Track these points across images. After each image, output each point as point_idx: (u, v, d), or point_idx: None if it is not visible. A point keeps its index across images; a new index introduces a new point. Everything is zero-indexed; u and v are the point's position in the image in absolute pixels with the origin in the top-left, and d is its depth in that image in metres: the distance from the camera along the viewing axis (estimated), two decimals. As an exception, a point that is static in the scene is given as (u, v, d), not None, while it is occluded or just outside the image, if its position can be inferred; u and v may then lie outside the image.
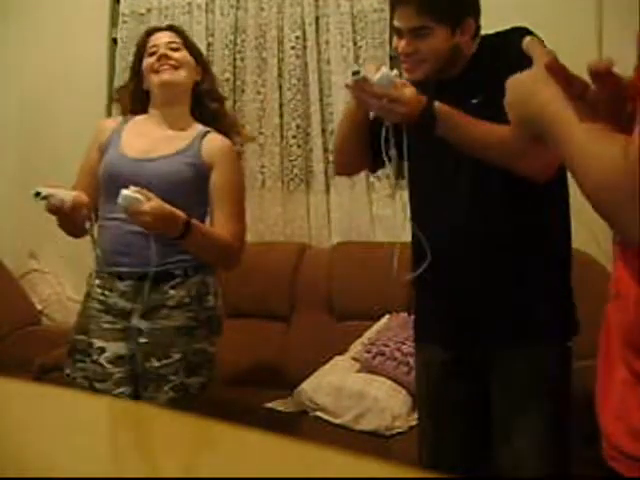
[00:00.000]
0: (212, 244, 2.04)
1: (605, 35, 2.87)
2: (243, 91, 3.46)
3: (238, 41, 3.47)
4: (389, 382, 2.54)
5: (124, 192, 1.83)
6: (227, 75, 3.47)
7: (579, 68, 1.67)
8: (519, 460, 1.63)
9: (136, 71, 2.19)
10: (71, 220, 2.02)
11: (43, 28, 3.80)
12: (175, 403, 2.00)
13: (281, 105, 3.39)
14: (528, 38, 0.99)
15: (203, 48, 3.46)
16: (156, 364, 2.02)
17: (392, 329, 2.69)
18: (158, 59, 2.10)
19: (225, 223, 2.07)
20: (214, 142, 2.13)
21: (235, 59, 3.48)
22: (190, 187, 2.05)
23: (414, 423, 2.24)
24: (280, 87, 3.39)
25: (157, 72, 2.10)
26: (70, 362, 2.10)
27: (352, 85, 1.55)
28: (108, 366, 2.05)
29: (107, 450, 0.61)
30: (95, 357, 2.06)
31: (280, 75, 3.39)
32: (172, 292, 2.04)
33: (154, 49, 2.13)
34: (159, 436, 0.64)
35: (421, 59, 1.62)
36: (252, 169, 3.44)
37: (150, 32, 2.21)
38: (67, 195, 1.97)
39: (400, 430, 2.43)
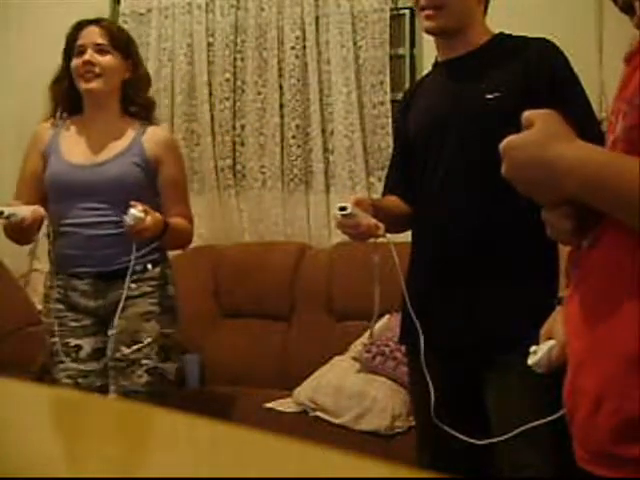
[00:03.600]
0: (179, 233, 2.18)
1: (605, 35, 2.87)
2: (243, 91, 3.47)
3: (238, 41, 3.47)
4: (389, 382, 2.54)
5: (132, 211, 1.95)
6: (227, 75, 3.47)
7: (579, 68, 1.68)
8: (520, 462, 1.63)
9: (67, 67, 2.21)
10: (27, 233, 2.06)
11: (43, 28, 3.80)
12: (151, 385, 2.08)
13: (281, 105, 3.39)
14: (527, 112, 0.99)
15: (203, 48, 3.47)
16: (127, 351, 2.08)
17: (392, 329, 2.69)
18: (84, 64, 2.13)
19: (180, 209, 2.21)
20: (155, 137, 2.20)
21: (235, 59, 3.48)
22: (141, 185, 2.13)
23: (414, 423, 2.24)
24: (280, 87, 3.38)
25: (82, 77, 2.14)
26: (53, 365, 2.17)
27: (340, 221, 1.59)
28: (88, 362, 2.13)
29: (107, 450, 0.61)
30: (74, 355, 2.13)
31: (280, 75, 3.39)
32: (133, 286, 2.11)
33: (82, 49, 2.16)
34: (159, 436, 0.64)
35: (440, 4, 1.68)
36: (252, 169, 3.44)
37: (80, 26, 2.23)
38: (26, 212, 2.01)
39: (400, 430, 2.43)
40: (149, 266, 2.16)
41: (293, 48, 3.36)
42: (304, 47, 3.34)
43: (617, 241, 0.95)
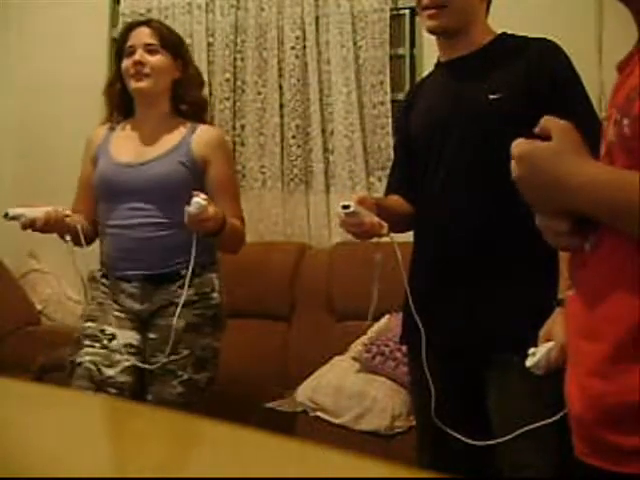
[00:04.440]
0: (234, 232, 2.11)
1: (605, 35, 2.87)
2: (243, 91, 3.47)
3: (238, 41, 3.47)
4: (389, 382, 2.54)
5: (196, 199, 1.86)
6: (227, 75, 3.47)
7: (579, 68, 1.68)
8: (520, 463, 1.62)
9: (119, 69, 2.21)
10: (60, 233, 2.07)
11: (43, 28, 3.80)
12: (184, 397, 2.06)
13: (281, 105, 3.39)
14: (545, 120, 1.01)
15: (203, 48, 3.47)
16: (164, 360, 2.06)
17: (392, 329, 2.69)
18: (134, 64, 2.13)
19: (231, 209, 2.11)
20: (205, 136, 2.17)
21: (235, 59, 3.48)
22: (187, 185, 2.07)
23: (414, 423, 2.24)
24: (280, 87, 3.39)
25: (133, 77, 2.13)
26: (78, 348, 2.12)
27: (344, 219, 1.59)
28: (117, 352, 2.09)
29: (107, 450, 0.61)
30: (105, 342, 2.10)
31: (280, 75, 3.39)
32: (180, 291, 2.08)
33: (131, 49, 2.15)
34: (159, 436, 0.64)
35: (442, 4, 1.67)
36: (252, 169, 3.44)
37: (130, 27, 2.22)
38: (38, 212, 1.99)
39: (400, 430, 2.43)
40: (196, 270, 2.09)
41: (293, 48, 3.36)
42: (304, 47, 3.35)
43: (619, 243, 0.96)
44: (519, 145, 1.00)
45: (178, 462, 0.56)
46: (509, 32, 1.77)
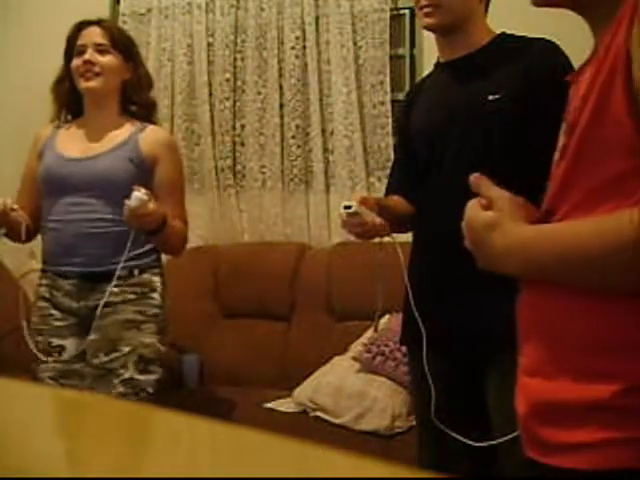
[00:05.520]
0: (175, 234, 2.11)
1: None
2: (243, 91, 3.47)
3: (238, 41, 3.47)
4: (389, 382, 2.54)
5: (136, 194, 1.86)
6: (227, 75, 3.47)
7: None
8: (521, 463, 1.62)
9: (68, 67, 2.22)
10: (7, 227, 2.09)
11: (43, 28, 3.80)
12: (127, 398, 2.01)
13: (281, 105, 3.39)
14: (473, 177, 1.02)
15: (203, 48, 3.47)
16: (104, 359, 2.04)
17: (392, 329, 2.69)
18: (84, 63, 2.14)
19: (175, 211, 2.12)
20: (154, 136, 2.17)
21: (235, 59, 3.48)
22: (133, 182, 2.05)
23: (414, 423, 2.24)
24: (280, 87, 3.39)
25: (82, 76, 2.14)
26: (36, 364, 2.14)
27: (346, 219, 1.61)
28: (71, 362, 2.09)
29: (107, 450, 0.61)
30: (56, 356, 2.10)
31: (280, 75, 3.39)
32: (116, 290, 2.07)
33: (82, 48, 2.16)
34: (160, 436, 0.64)
35: (438, 3, 1.68)
36: (252, 169, 3.44)
37: (80, 27, 2.24)
38: None
39: (400, 430, 2.43)
40: (135, 271, 2.10)
41: (293, 48, 3.36)
42: (304, 47, 3.34)
43: None
44: (469, 209, 1.01)
45: (178, 462, 0.56)
46: (509, 32, 1.77)
